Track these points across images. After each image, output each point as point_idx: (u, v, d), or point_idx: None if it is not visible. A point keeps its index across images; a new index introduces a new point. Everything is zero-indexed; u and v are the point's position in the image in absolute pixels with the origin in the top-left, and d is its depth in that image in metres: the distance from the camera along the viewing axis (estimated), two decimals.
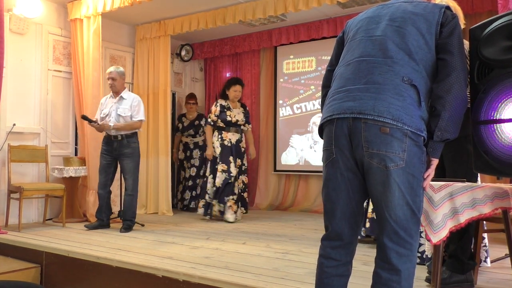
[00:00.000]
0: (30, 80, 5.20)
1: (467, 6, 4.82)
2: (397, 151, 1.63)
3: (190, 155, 6.44)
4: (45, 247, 3.76)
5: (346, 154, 1.72)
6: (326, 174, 1.80)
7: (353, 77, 1.75)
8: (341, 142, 1.72)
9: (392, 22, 1.78)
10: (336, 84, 1.82)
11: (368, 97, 1.67)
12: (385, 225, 1.68)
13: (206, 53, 7.10)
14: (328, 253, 1.80)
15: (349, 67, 1.80)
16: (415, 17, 1.76)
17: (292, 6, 4.74)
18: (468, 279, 2.64)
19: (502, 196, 2.43)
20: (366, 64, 1.74)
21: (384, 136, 1.63)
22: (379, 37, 1.77)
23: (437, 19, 1.74)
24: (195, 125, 6.45)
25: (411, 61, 1.70)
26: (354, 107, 1.68)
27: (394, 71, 1.69)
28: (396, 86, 1.66)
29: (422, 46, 1.73)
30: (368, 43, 1.79)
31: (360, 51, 1.79)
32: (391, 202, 1.66)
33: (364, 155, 1.66)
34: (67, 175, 5.08)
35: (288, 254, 3.49)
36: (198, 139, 6.45)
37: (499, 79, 1.99)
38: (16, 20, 4.99)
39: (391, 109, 1.63)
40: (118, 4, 4.90)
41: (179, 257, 3.36)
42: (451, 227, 2.31)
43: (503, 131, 2.00)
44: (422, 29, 1.74)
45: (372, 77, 1.70)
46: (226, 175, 5.09)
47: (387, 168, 1.64)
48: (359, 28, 1.88)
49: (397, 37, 1.74)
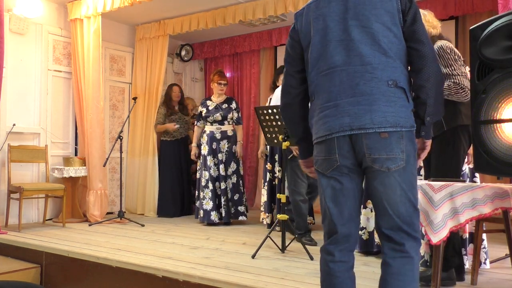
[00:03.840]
0: (30, 80, 5.20)
1: (467, 6, 4.83)
2: (397, 152, 1.69)
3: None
4: (45, 247, 3.75)
5: (350, 158, 1.74)
6: (333, 181, 1.79)
7: (337, 90, 1.74)
8: (345, 149, 1.74)
9: (355, 21, 1.74)
10: (321, 98, 1.80)
11: (362, 111, 1.69)
12: (388, 220, 1.72)
13: (206, 53, 7.09)
14: (338, 257, 1.79)
15: (328, 78, 1.77)
16: (375, 11, 1.73)
17: (292, 6, 4.74)
18: (450, 277, 2.66)
19: (503, 196, 2.43)
20: (346, 74, 1.73)
21: (384, 140, 1.68)
22: (350, 41, 1.73)
23: (397, 7, 1.74)
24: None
25: (389, 60, 1.71)
26: (352, 123, 1.70)
27: (377, 77, 1.70)
28: (384, 93, 1.69)
29: (393, 40, 1.72)
30: (339, 49, 1.75)
31: (334, 59, 1.76)
32: (394, 200, 1.70)
33: (367, 160, 1.71)
34: (67, 175, 5.08)
35: (288, 254, 3.49)
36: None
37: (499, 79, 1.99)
38: (16, 20, 4.99)
39: (388, 117, 1.68)
40: (118, 4, 4.90)
41: (179, 257, 3.36)
42: (451, 227, 2.32)
43: (504, 131, 2.00)
44: (387, 23, 1.72)
45: (358, 87, 1.71)
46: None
47: (389, 170, 1.69)
48: (318, 30, 1.81)
49: (367, 38, 1.72)
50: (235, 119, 5.20)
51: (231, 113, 5.16)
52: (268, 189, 4.64)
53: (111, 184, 5.97)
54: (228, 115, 5.14)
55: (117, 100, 6.18)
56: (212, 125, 5.15)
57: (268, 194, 4.64)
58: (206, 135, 5.14)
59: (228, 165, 5.07)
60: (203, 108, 5.22)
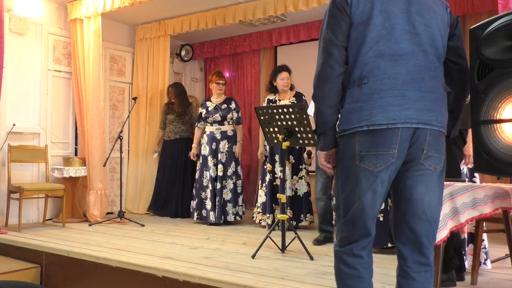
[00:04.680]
0: (30, 80, 5.20)
1: (467, 6, 4.82)
2: (442, 153, 1.72)
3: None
4: (45, 247, 3.75)
5: (402, 156, 1.67)
6: (378, 181, 1.66)
7: (402, 78, 1.64)
8: (403, 145, 1.65)
9: (420, 18, 1.68)
10: (382, 84, 1.65)
11: (428, 108, 1.67)
12: (424, 225, 1.68)
13: (206, 53, 7.10)
14: (361, 255, 1.71)
15: (392, 63, 1.65)
16: (435, 16, 1.72)
17: (292, 6, 4.74)
18: (450, 278, 2.65)
19: (503, 196, 2.43)
20: (413, 65, 1.66)
21: (440, 139, 1.71)
22: (416, 35, 1.67)
23: (447, 20, 1.76)
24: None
25: (440, 65, 1.74)
26: (418, 118, 1.65)
27: (438, 77, 1.72)
28: (442, 96, 1.73)
29: (441, 49, 1.75)
30: (406, 37, 1.66)
31: (401, 45, 1.65)
32: (433, 202, 1.69)
33: (421, 157, 1.68)
34: (67, 175, 5.08)
35: (288, 254, 3.49)
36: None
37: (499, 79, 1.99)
38: (16, 20, 4.99)
39: (444, 119, 1.73)
40: (118, 4, 4.90)
41: (179, 257, 3.36)
42: (451, 227, 2.32)
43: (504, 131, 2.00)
44: (441, 31, 1.75)
45: (424, 83, 1.67)
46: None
47: (435, 170, 1.69)
48: (384, 11, 1.68)
49: (428, 38, 1.70)
50: (235, 119, 5.20)
51: (231, 113, 5.16)
52: (268, 190, 4.64)
53: (111, 184, 5.97)
54: (227, 115, 5.13)
55: (117, 100, 6.18)
56: (212, 125, 5.15)
57: (269, 195, 4.63)
58: (206, 135, 5.14)
59: (228, 165, 5.06)
60: (203, 109, 5.22)
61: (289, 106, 3.52)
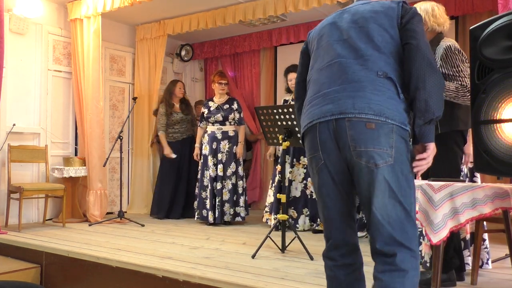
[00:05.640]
0: (30, 80, 5.20)
1: (467, 6, 4.82)
2: (384, 147, 1.58)
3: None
4: (45, 247, 3.75)
5: (335, 157, 1.67)
6: (318, 181, 1.74)
7: (328, 80, 1.73)
8: (328, 146, 1.67)
9: (354, 24, 1.77)
10: (311, 91, 1.79)
11: (346, 96, 1.64)
12: (379, 229, 1.59)
13: (206, 53, 7.09)
14: (341, 261, 1.74)
15: (322, 72, 1.77)
16: (375, 15, 1.75)
17: (292, 6, 4.74)
18: (450, 278, 2.65)
19: (503, 196, 2.43)
20: (338, 65, 1.72)
21: (371, 131, 1.58)
22: (346, 39, 1.76)
23: (397, 13, 1.74)
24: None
25: (382, 55, 1.69)
26: (334, 109, 1.65)
27: (367, 68, 1.67)
28: (372, 82, 1.64)
29: (388, 40, 1.71)
30: (336, 46, 1.77)
31: (330, 55, 1.77)
32: (382, 202, 1.58)
33: (352, 155, 1.61)
34: (67, 175, 5.08)
35: (288, 254, 3.49)
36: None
37: (499, 79, 1.99)
38: (16, 20, 4.99)
39: (372, 105, 1.60)
40: (118, 4, 4.90)
41: (179, 257, 3.36)
42: (451, 227, 2.32)
43: (504, 131, 2.00)
44: (384, 25, 1.73)
45: (347, 76, 1.68)
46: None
47: (376, 166, 1.57)
48: (322, 36, 1.85)
49: (362, 36, 1.73)
50: (236, 119, 5.20)
51: (233, 114, 5.16)
52: (276, 190, 4.64)
53: (111, 184, 5.97)
54: (229, 116, 5.14)
55: (117, 100, 6.18)
56: (213, 125, 5.15)
57: (276, 195, 4.64)
58: (207, 135, 5.15)
59: (228, 165, 5.05)
60: (205, 109, 5.23)
61: (289, 106, 3.52)
